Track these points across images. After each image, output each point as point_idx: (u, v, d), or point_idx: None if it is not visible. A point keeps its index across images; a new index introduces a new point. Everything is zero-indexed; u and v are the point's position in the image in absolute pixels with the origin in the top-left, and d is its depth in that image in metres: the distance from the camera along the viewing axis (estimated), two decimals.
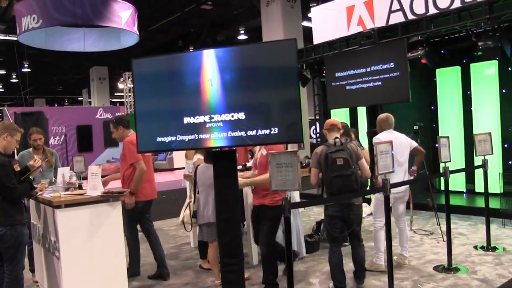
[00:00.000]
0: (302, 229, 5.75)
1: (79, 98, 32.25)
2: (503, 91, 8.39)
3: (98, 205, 4.18)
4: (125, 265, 4.41)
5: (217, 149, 3.25)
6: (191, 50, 20.02)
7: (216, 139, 3.12)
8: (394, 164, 4.30)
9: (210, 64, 3.15)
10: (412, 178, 5.30)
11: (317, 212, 8.40)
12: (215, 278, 4.80)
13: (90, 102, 26.87)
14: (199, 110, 3.15)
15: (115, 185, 5.28)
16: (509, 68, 8.16)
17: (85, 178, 4.79)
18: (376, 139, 5.07)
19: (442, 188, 7.63)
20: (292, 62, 3.02)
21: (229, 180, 3.30)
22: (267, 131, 2.99)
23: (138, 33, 10.24)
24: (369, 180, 5.28)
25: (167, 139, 3.24)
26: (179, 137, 3.22)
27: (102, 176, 4.48)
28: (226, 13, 17.70)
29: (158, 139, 3.26)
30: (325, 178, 4.25)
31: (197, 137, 3.17)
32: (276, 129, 2.98)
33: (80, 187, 4.80)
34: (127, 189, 4.65)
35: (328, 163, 4.13)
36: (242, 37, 19.41)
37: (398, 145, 5.02)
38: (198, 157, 5.07)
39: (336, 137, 4.31)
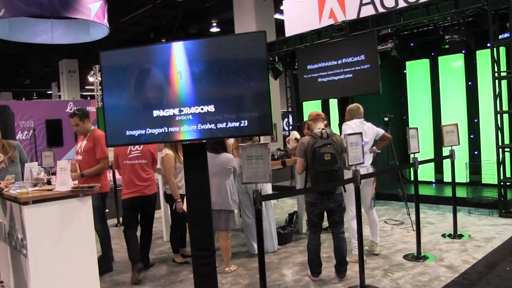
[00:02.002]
0: (274, 221, 5.78)
1: (48, 92, 31.49)
2: (469, 83, 8.60)
3: (68, 200, 4.09)
4: (96, 261, 4.35)
5: (187, 142, 3.22)
6: (162, 42, 19.79)
7: (186, 132, 3.09)
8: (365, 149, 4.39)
9: (179, 56, 3.11)
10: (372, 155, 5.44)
11: (290, 204, 8.45)
12: (225, 265, 4.97)
13: (59, 96, 26.27)
14: (168, 103, 3.12)
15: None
16: (474, 62, 8.35)
17: (54, 173, 4.69)
18: (345, 125, 5.18)
19: (413, 178, 7.80)
20: (261, 55, 3.01)
21: (200, 173, 3.28)
22: (237, 124, 2.98)
23: (108, 25, 10.04)
24: None
25: (136, 133, 3.19)
26: (148, 131, 3.17)
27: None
28: (198, 5, 17.54)
29: (128, 132, 3.21)
30: (311, 171, 4.36)
31: (166, 130, 3.14)
32: (246, 121, 2.98)
33: (48, 182, 4.69)
34: (97, 184, 4.57)
35: (316, 157, 4.25)
36: (214, 29, 19.30)
37: (365, 132, 5.14)
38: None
39: (322, 128, 4.38)
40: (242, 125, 2.99)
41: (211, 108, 3.03)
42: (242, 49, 3.04)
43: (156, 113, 3.14)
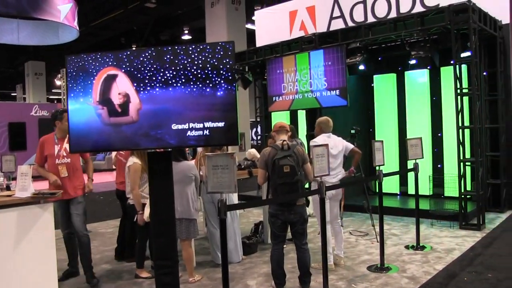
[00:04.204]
0: (239, 231, 5.77)
1: (13, 94, 30.68)
2: (434, 98, 8.85)
3: (28, 207, 4.00)
4: (56, 269, 4.23)
5: (152, 150, 3.20)
6: (132, 48, 19.61)
7: (152, 140, 3.07)
8: (330, 167, 4.42)
9: (147, 63, 3.10)
10: (346, 176, 5.50)
11: (256, 214, 8.46)
12: (188, 275, 4.89)
13: (24, 99, 25.62)
14: (134, 110, 3.09)
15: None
16: (439, 77, 8.62)
17: (15, 178, 4.58)
18: (313, 142, 5.20)
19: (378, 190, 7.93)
20: (229, 65, 3.02)
21: (165, 181, 3.25)
22: (203, 133, 2.98)
23: (78, 28, 9.89)
24: None
25: (101, 140, 3.15)
26: (113, 138, 3.14)
27: (35, 177, 4.31)
28: (170, 12, 17.50)
29: (93, 139, 3.16)
30: (271, 182, 4.37)
31: (132, 138, 3.11)
32: (212, 131, 2.97)
33: (8, 188, 4.57)
34: (59, 190, 4.47)
35: (275, 169, 4.26)
36: (186, 37, 19.28)
37: (334, 147, 5.20)
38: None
39: (284, 140, 4.40)
40: (208, 134, 2.99)
41: (176, 116, 3.01)
42: (210, 58, 3.05)
43: (121, 120, 3.10)
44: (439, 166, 8.74)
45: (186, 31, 19.10)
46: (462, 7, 6.94)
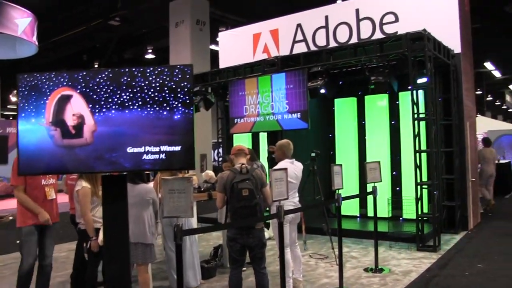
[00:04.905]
0: (197, 254, 5.67)
1: None
2: (392, 122, 9.08)
3: None
4: None
5: (107, 174, 3.11)
6: (95, 67, 19.30)
7: (107, 164, 2.99)
8: (291, 191, 4.43)
9: (103, 84, 3.04)
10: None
11: (216, 237, 8.36)
12: None
13: None
14: (88, 132, 3.01)
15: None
16: (397, 102, 8.86)
17: None
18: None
19: None
20: (188, 88, 3.00)
21: (119, 206, 3.16)
22: (158, 157, 2.92)
23: (37, 43, 9.66)
24: None
25: (53, 162, 3.04)
26: (66, 161, 3.04)
27: None
28: (134, 31, 17.38)
29: (44, 161, 3.05)
30: (230, 206, 4.34)
31: (86, 161, 3.02)
32: (169, 155, 2.93)
33: None
34: (6, 214, 4.28)
35: (234, 193, 4.24)
36: (149, 56, 19.16)
37: (298, 173, 5.22)
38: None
39: (243, 163, 4.38)
40: (164, 158, 2.93)
41: (132, 139, 2.95)
42: (168, 81, 3.02)
43: (75, 142, 3.02)
44: (397, 188, 8.92)
45: (150, 50, 19.00)
46: (418, 35, 7.20)
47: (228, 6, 14.49)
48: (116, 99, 3.04)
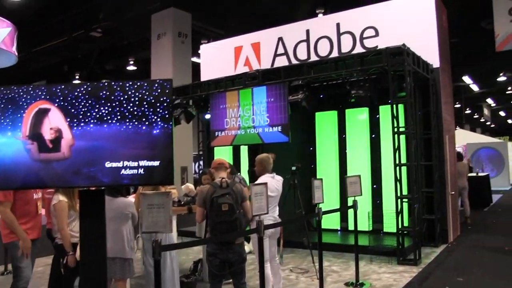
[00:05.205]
0: (177, 269, 5.61)
1: None
2: (373, 136, 9.18)
3: None
4: None
5: (84, 188, 3.08)
6: (76, 77, 19.09)
7: (84, 178, 2.97)
8: (272, 205, 4.44)
9: (81, 98, 3.04)
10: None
11: (196, 251, 8.29)
12: None
13: None
14: (65, 147, 2.99)
15: None
16: (378, 116, 8.98)
17: None
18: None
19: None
20: (167, 103, 3.00)
21: (97, 221, 3.13)
22: (137, 172, 2.91)
23: (17, 54, 9.54)
24: None
25: (31, 177, 3.01)
26: (44, 175, 3.01)
27: None
28: (116, 42, 17.30)
29: (21, 176, 3.02)
30: (209, 220, 4.32)
31: (63, 176, 2.99)
32: (147, 170, 2.92)
33: None
34: None
35: (214, 207, 4.22)
36: (131, 67, 19.09)
37: (278, 187, 5.24)
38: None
39: (223, 177, 4.37)
40: (143, 173, 2.92)
41: (110, 154, 2.94)
42: (147, 96, 3.02)
43: (52, 156, 2.99)
44: (378, 202, 8.99)
45: (132, 62, 18.92)
46: (397, 50, 7.33)
47: (210, 19, 14.56)
48: (94, 113, 3.03)
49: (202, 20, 14.39)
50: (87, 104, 3.05)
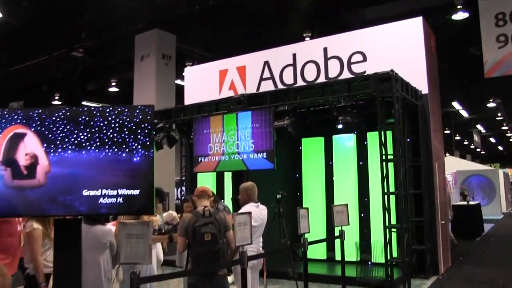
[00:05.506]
0: None
1: None
2: (360, 163, 9.26)
3: None
4: None
5: (60, 217, 3.06)
6: (56, 98, 18.97)
7: (60, 207, 2.96)
8: (256, 236, 4.43)
9: (58, 123, 3.06)
10: None
11: (177, 281, 8.17)
12: None
13: None
14: (41, 173, 2.98)
15: None
16: (365, 142, 9.08)
17: None
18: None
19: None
20: (148, 129, 3.02)
21: (72, 252, 3.10)
22: (116, 200, 2.91)
23: None
24: None
25: (2, 205, 2.99)
26: (18, 203, 2.99)
27: None
28: (98, 62, 17.33)
29: None
30: (191, 250, 4.30)
31: (38, 204, 2.97)
32: (126, 198, 2.92)
33: None
34: None
35: (196, 237, 4.21)
36: (113, 89, 19.08)
37: (263, 217, 5.24)
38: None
39: (205, 206, 4.37)
40: (122, 202, 2.93)
41: (88, 181, 2.94)
42: (128, 122, 3.04)
43: (27, 183, 2.97)
44: (366, 231, 9.01)
45: (114, 83, 18.92)
46: (386, 76, 7.44)
47: (195, 41, 14.69)
48: (73, 139, 3.04)
49: (186, 42, 14.51)
50: (65, 130, 3.06)
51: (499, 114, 25.04)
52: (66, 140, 3.05)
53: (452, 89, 17.02)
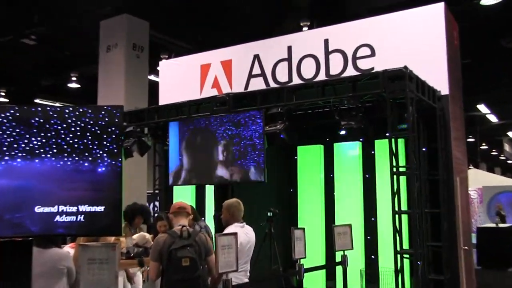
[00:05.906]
0: None
1: None
2: (366, 176, 9.30)
3: None
4: None
5: (6, 239, 3.07)
6: (1, 95, 18.88)
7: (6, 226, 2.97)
8: (242, 261, 4.46)
9: (6, 126, 3.06)
10: None
11: None
12: None
13: None
14: None
15: None
16: (373, 151, 9.11)
17: None
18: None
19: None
20: (115, 134, 3.05)
21: (21, 280, 3.11)
22: (74, 219, 2.93)
23: None
24: None
25: None
26: None
27: None
28: (54, 53, 17.23)
29: None
30: (166, 278, 4.29)
31: None
32: (88, 216, 2.94)
33: None
34: None
35: (172, 262, 4.21)
36: (73, 85, 19.00)
37: (251, 239, 5.27)
38: None
39: (184, 225, 4.38)
40: (83, 221, 2.94)
41: (42, 196, 2.95)
42: (92, 125, 3.07)
43: None
44: (372, 257, 9.04)
45: (74, 78, 18.84)
46: (398, 73, 7.40)
47: (172, 29, 14.65)
48: (23, 145, 3.05)
49: (162, 31, 14.49)
50: (14, 133, 3.07)
51: None
52: (15, 146, 3.06)
53: (478, 90, 16.98)
